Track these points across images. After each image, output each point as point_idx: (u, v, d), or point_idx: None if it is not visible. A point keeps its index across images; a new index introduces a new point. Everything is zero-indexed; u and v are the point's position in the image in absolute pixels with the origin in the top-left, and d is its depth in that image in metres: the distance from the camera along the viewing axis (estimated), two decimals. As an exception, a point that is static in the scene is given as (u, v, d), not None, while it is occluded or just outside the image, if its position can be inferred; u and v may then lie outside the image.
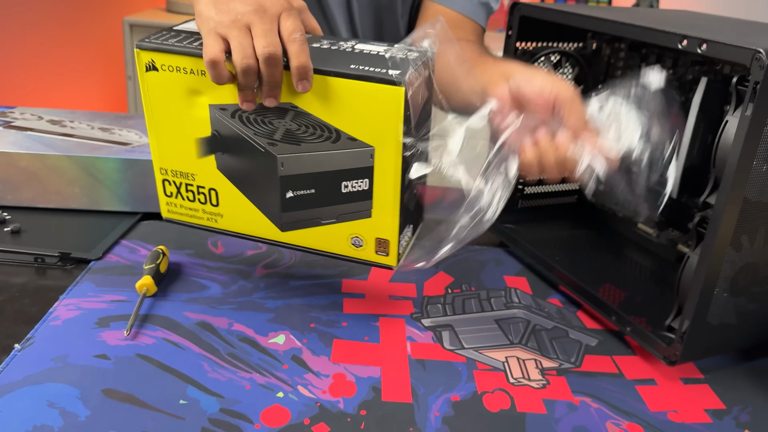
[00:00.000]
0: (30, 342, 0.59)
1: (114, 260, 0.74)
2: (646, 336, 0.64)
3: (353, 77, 0.55)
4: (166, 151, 0.64)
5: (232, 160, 0.62)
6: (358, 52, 0.58)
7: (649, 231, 0.84)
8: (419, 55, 0.58)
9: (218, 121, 0.60)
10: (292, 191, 0.61)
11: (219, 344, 0.61)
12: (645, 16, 0.74)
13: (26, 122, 0.91)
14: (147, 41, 0.59)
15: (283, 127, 0.58)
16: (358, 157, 0.58)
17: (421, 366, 0.61)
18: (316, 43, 0.60)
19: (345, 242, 0.62)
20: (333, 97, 0.56)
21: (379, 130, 0.56)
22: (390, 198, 0.59)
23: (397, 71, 0.54)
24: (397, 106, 0.54)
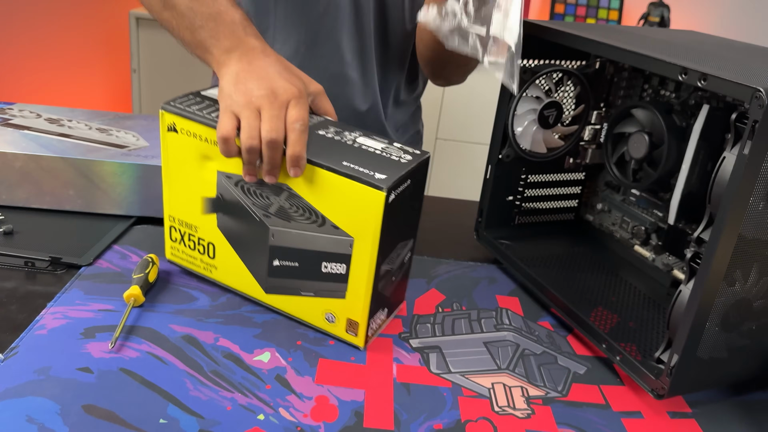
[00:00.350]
0: (14, 352, 0.59)
1: (104, 266, 0.74)
2: (634, 367, 0.63)
3: (343, 174, 0.59)
4: (175, 202, 0.70)
5: (231, 222, 0.67)
6: (357, 147, 0.63)
7: (646, 254, 0.84)
8: (413, 158, 0.62)
9: (223, 186, 0.66)
10: (279, 260, 0.65)
11: (203, 360, 0.61)
12: (648, 40, 0.73)
13: (24, 120, 0.91)
14: (171, 105, 0.66)
15: (278, 204, 0.63)
16: (338, 244, 0.61)
17: (405, 390, 0.60)
18: (322, 130, 0.65)
19: (320, 316, 0.66)
20: (323, 187, 0.60)
21: (360, 225, 0.60)
22: (363, 285, 0.62)
23: (383, 176, 0.58)
24: (377, 208, 0.58)
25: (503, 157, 0.83)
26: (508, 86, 0.67)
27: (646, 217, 0.83)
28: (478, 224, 0.88)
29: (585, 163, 0.89)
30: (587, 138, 0.87)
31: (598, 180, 0.92)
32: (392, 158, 0.62)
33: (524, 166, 0.87)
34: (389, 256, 0.63)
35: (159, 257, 0.75)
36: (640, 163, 0.77)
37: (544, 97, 0.81)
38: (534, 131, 0.82)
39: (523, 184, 0.88)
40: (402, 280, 0.70)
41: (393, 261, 0.64)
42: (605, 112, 0.87)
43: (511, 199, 0.88)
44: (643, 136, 0.75)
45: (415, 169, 0.62)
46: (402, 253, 0.67)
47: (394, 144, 0.65)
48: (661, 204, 0.81)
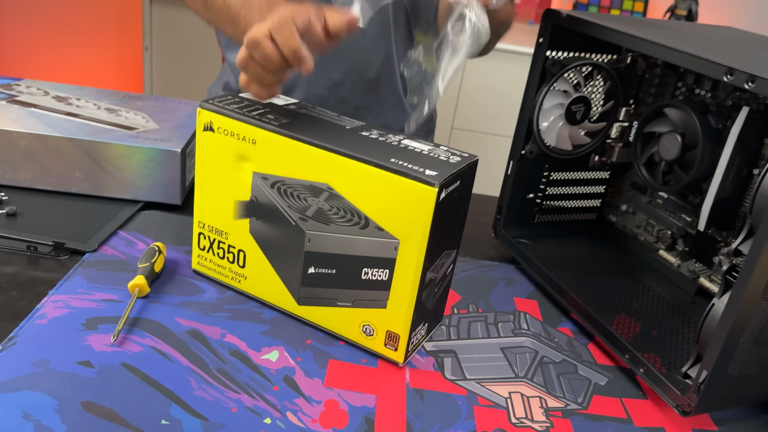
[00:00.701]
0: (12, 342, 0.56)
1: (109, 253, 0.71)
2: (659, 380, 0.60)
3: (391, 170, 0.55)
4: (207, 207, 0.66)
5: (264, 227, 0.63)
6: (403, 147, 0.60)
7: (670, 260, 0.80)
8: (462, 159, 0.59)
9: (258, 188, 0.62)
10: (314, 267, 0.61)
11: (209, 357, 0.58)
12: (686, 36, 0.69)
13: (31, 97, 0.88)
14: (210, 103, 0.63)
15: (316, 206, 0.60)
16: (382, 247, 0.58)
17: (419, 397, 0.58)
18: (365, 131, 0.62)
19: (356, 328, 0.62)
20: (368, 185, 0.57)
21: (408, 225, 0.56)
22: (407, 293, 0.58)
23: (434, 172, 0.55)
24: (427, 206, 0.54)
25: (526, 153, 0.80)
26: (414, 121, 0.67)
27: (673, 221, 0.80)
28: (496, 222, 0.85)
29: (611, 161, 0.85)
30: (614, 136, 0.84)
31: (624, 180, 0.88)
32: (441, 158, 0.58)
33: (547, 163, 0.83)
34: (434, 264, 0.59)
35: (166, 245, 0.72)
36: (671, 165, 0.74)
37: (572, 91, 0.78)
38: (560, 127, 0.79)
39: (545, 181, 0.85)
40: (443, 293, 0.66)
41: (437, 270, 0.61)
42: (634, 110, 0.83)
43: (531, 197, 0.85)
44: (676, 137, 0.72)
45: (464, 170, 0.58)
46: (446, 263, 0.63)
47: (440, 146, 0.62)
48: (689, 208, 0.77)
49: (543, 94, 0.76)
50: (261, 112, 0.62)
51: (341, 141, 0.59)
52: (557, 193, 0.87)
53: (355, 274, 0.60)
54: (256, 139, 0.60)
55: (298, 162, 0.59)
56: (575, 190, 0.88)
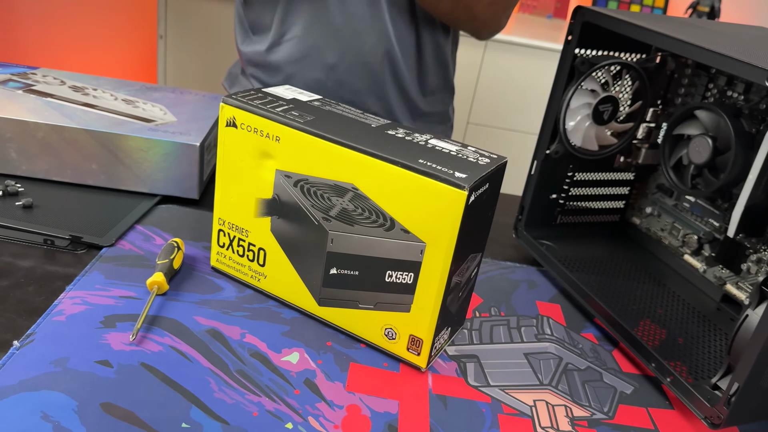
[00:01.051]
0: (30, 339, 0.55)
1: (127, 248, 0.70)
2: (687, 391, 0.59)
3: (419, 172, 0.54)
4: (227, 204, 0.65)
5: (286, 226, 0.62)
6: (430, 148, 0.58)
7: (696, 265, 0.79)
8: (491, 161, 0.57)
9: (281, 187, 0.61)
10: (336, 269, 0.60)
11: (229, 358, 0.57)
12: (721, 37, 0.67)
13: (48, 87, 0.87)
14: (233, 98, 0.61)
15: (340, 206, 0.58)
16: (408, 250, 0.56)
17: (442, 403, 0.56)
18: (392, 130, 0.61)
19: (378, 331, 0.61)
20: (395, 187, 0.55)
21: (435, 229, 0.55)
22: (432, 297, 0.57)
23: (463, 175, 0.53)
24: (456, 209, 0.53)
25: (551, 153, 0.78)
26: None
27: (700, 225, 0.78)
28: (517, 222, 0.84)
29: (636, 163, 0.84)
30: (641, 137, 0.82)
31: (649, 182, 0.86)
32: (469, 159, 0.57)
33: (572, 163, 0.82)
34: (460, 268, 0.58)
35: (184, 242, 0.71)
36: (700, 168, 0.72)
37: (600, 90, 0.76)
38: (587, 127, 0.77)
39: (569, 181, 0.83)
40: (467, 297, 0.64)
41: (462, 274, 0.59)
42: (662, 110, 0.82)
43: (554, 197, 0.84)
44: (707, 140, 0.70)
45: (493, 172, 0.57)
46: (471, 267, 0.61)
47: (468, 147, 0.60)
48: (718, 213, 0.76)
49: (571, 94, 0.74)
50: (285, 108, 0.61)
51: (367, 140, 0.57)
52: (581, 194, 0.85)
53: (378, 277, 0.59)
54: (280, 137, 0.59)
55: (323, 161, 0.58)
56: (599, 191, 0.86)
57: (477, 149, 0.60)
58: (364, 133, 0.59)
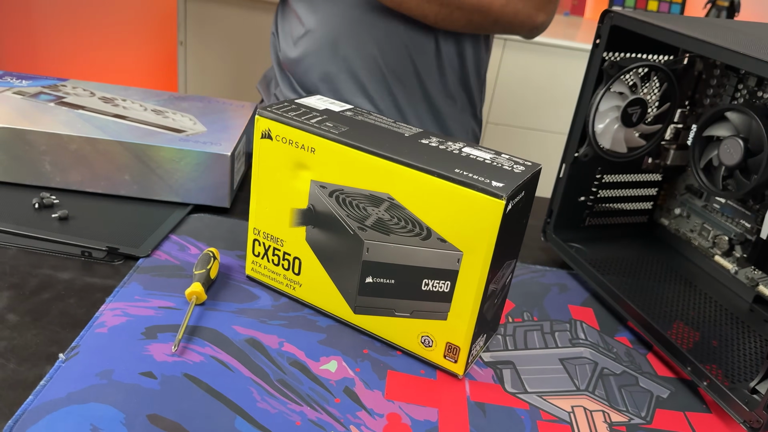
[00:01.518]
0: (75, 352, 0.56)
1: (163, 258, 0.71)
2: (724, 394, 0.59)
3: (456, 182, 0.54)
4: (262, 214, 0.66)
5: (321, 236, 0.63)
6: (465, 156, 0.58)
7: (727, 266, 0.78)
8: (526, 169, 0.58)
9: (316, 197, 0.62)
10: (372, 277, 0.61)
11: (269, 367, 0.58)
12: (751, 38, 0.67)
13: (78, 98, 0.88)
14: (268, 110, 0.62)
15: (376, 215, 0.59)
16: (444, 259, 0.57)
17: (480, 411, 0.57)
18: (425, 139, 0.61)
19: (415, 339, 0.61)
20: (431, 196, 0.56)
21: (473, 238, 0.55)
22: (469, 305, 0.57)
23: (500, 184, 0.54)
24: (494, 219, 0.53)
25: (580, 156, 0.78)
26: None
27: (731, 226, 0.78)
28: (546, 224, 0.84)
29: (665, 164, 0.84)
30: (669, 137, 0.82)
31: (678, 183, 0.86)
32: (504, 168, 0.57)
33: (600, 166, 0.82)
34: (497, 275, 0.58)
35: (219, 251, 0.72)
36: (732, 170, 0.72)
37: (628, 93, 0.76)
38: (615, 129, 0.77)
39: (598, 184, 0.83)
40: (501, 303, 0.65)
41: (498, 281, 0.60)
42: (690, 111, 0.81)
43: (583, 200, 0.84)
44: (738, 142, 0.70)
45: (529, 180, 0.57)
46: (506, 274, 0.62)
47: (502, 155, 0.60)
48: (749, 214, 0.75)
49: (600, 97, 0.74)
50: (319, 119, 0.62)
51: (402, 150, 0.58)
52: (609, 196, 0.85)
53: (414, 285, 0.59)
54: (315, 148, 0.60)
55: (358, 171, 0.59)
56: (627, 193, 0.86)
57: (511, 156, 0.60)
58: (398, 143, 0.59)
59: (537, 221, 0.85)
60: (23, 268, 0.67)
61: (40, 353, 0.56)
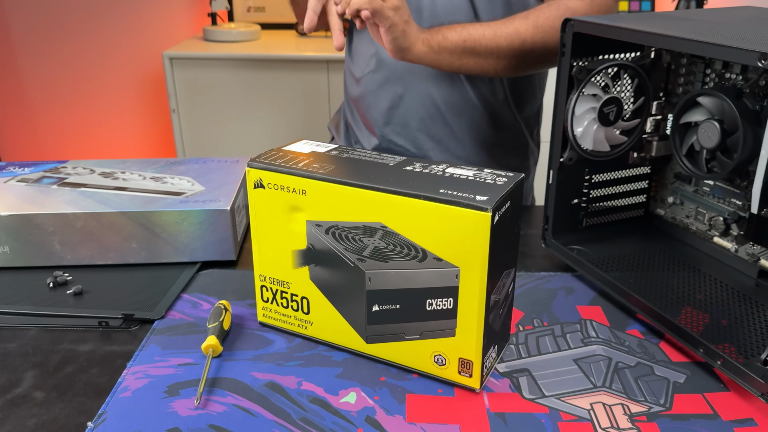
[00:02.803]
0: (102, 419, 0.58)
1: (177, 318, 0.73)
2: (739, 370, 0.60)
3: (442, 201, 0.56)
4: (266, 260, 0.68)
5: (324, 272, 0.65)
6: (448, 176, 0.61)
7: (726, 245, 0.79)
8: (508, 180, 0.60)
9: (313, 236, 0.64)
10: (378, 305, 0.62)
11: (290, 408, 0.59)
12: (710, 25, 0.69)
13: (79, 177, 0.92)
14: (257, 161, 0.65)
15: (372, 245, 0.61)
16: (443, 277, 0.58)
17: (502, 421, 0.58)
18: (408, 166, 0.64)
19: (428, 360, 0.62)
20: (421, 219, 0.58)
21: (466, 252, 0.57)
22: (474, 318, 0.59)
23: (484, 197, 0.56)
24: (483, 231, 0.55)
25: (565, 161, 0.80)
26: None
27: (724, 206, 0.79)
28: (544, 231, 0.85)
29: (650, 156, 0.85)
30: (650, 130, 0.84)
31: (666, 172, 0.88)
32: (487, 182, 0.59)
33: (587, 167, 0.84)
34: (496, 285, 0.60)
35: (230, 302, 0.74)
36: (713, 152, 0.73)
37: (602, 93, 0.78)
38: (595, 130, 0.79)
39: (588, 185, 0.85)
40: (508, 313, 0.66)
41: (500, 291, 0.61)
42: (665, 102, 0.83)
43: (576, 202, 0.85)
44: (714, 125, 0.71)
45: (512, 190, 0.59)
46: (506, 283, 0.64)
47: (484, 170, 0.63)
48: (738, 192, 0.77)
49: (573, 102, 0.77)
50: (306, 162, 0.64)
51: (388, 179, 0.60)
52: (601, 195, 0.87)
53: (419, 307, 0.61)
54: (306, 190, 0.62)
55: (350, 205, 0.61)
56: (619, 189, 0.88)
57: (493, 171, 0.63)
58: (384, 173, 0.62)
59: (536, 229, 0.87)
60: (45, 346, 0.69)
61: (69, 425, 0.58)
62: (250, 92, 2.20)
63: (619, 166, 0.86)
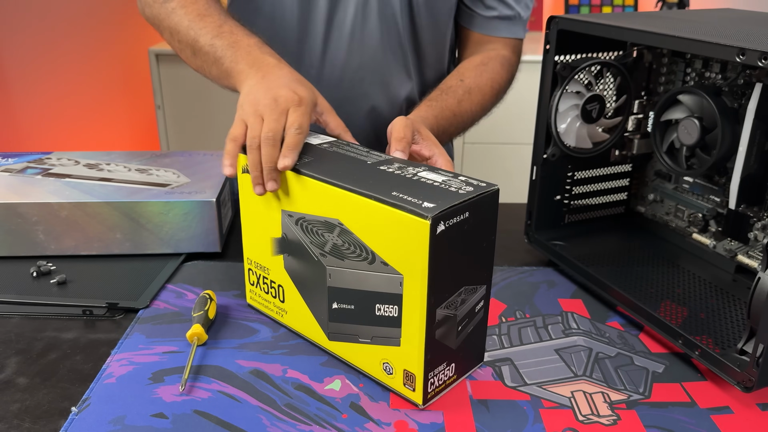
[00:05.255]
0: (87, 404, 0.58)
1: (162, 307, 0.73)
2: (716, 360, 0.61)
3: (389, 204, 0.54)
4: (251, 244, 0.70)
5: (295, 263, 0.65)
6: (416, 180, 0.58)
7: (705, 241, 0.81)
8: (475, 189, 0.56)
9: (286, 225, 0.64)
10: (337, 303, 0.62)
11: (275, 394, 0.60)
12: (690, 24, 0.71)
13: (64, 168, 0.91)
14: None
15: (332, 241, 0.60)
16: (389, 283, 0.57)
17: (484, 407, 0.59)
18: (385, 165, 0.62)
19: (378, 366, 0.61)
20: (372, 220, 0.56)
21: (408, 260, 0.54)
22: (416, 330, 0.56)
23: (431, 204, 0.53)
24: (423, 239, 0.52)
25: (549, 157, 0.82)
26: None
27: (703, 203, 0.81)
28: (527, 227, 0.87)
29: (632, 154, 0.87)
30: (631, 128, 0.85)
31: (647, 170, 0.89)
32: (450, 189, 0.56)
33: (570, 164, 0.85)
34: (448, 300, 0.56)
35: (215, 292, 0.74)
36: (693, 149, 0.75)
37: (584, 91, 0.80)
38: (578, 127, 0.81)
39: (570, 181, 0.86)
40: (475, 332, 0.61)
41: (455, 307, 0.57)
42: (647, 100, 0.85)
43: (559, 199, 0.87)
44: (694, 122, 0.73)
45: (476, 201, 0.55)
46: (470, 300, 0.59)
47: (459, 177, 0.59)
48: (717, 189, 0.79)
49: (557, 98, 0.78)
50: None
51: (354, 176, 0.59)
52: (584, 192, 0.88)
53: (370, 310, 0.59)
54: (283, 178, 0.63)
55: (313, 198, 0.61)
56: (601, 186, 0.90)
57: (468, 178, 0.59)
58: (354, 170, 0.60)
59: (519, 225, 0.88)
60: (28, 333, 0.69)
61: (53, 410, 0.58)
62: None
63: (601, 164, 0.88)
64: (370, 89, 0.98)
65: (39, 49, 1.91)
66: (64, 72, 2.02)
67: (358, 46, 0.94)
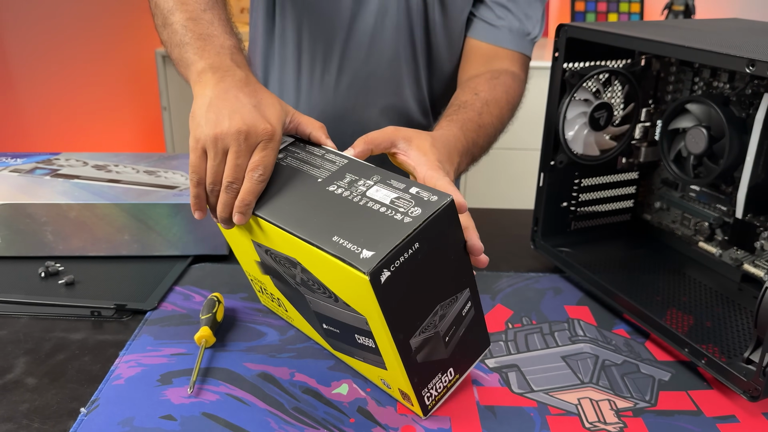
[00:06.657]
0: (95, 405, 0.58)
1: (170, 309, 0.74)
2: (722, 369, 0.61)
3: (331, 254, 0.50)
4: (245, 262, 0.70)
5: (280, 284, 0.65)
6: (361, 206, 0.53)
7: (711, 250, 0.81)
8: (423, 211, 0.51)
9: (260, 253, 0.63)
10: (326, 324, 0.62)
11: (283, 398, 0.60)
12: (699, 33, 0.71)
13: (72, 169, 0.92)
14: None
15: (299, 275, 0.58)
16: (356, 320, 0.55)
17: (491, 413, 0.59)
18: (336, 181, 0.57)
19: (377, 379, 0.61)
20: (321, 266, 0.53)
21: (363, 306, 0.52)
22: (394, 361, 0.54)
23: (370, 253, 0.48)
24: (368, 293, 0.49)
25: (556, 164, 0.82)
26: None
27: (709, 212, 0.81)
28: (534, 233, 0.87)
29: (638, 162, 0.87)
30: (638, 136, 0.86)
31: (653, 178, 0.90)
32: (395, 218, 0.50)
33: (577, 171, 0.85)
34: (422, 326, 0.54)
35: (222, 295, 0.75)
36: (700, 158, 0.75)
37: (593, 99, 0.80)
38: (585, 134, 0.81)
39: (577, 188, 0.87)
40: (469, 331, 0.59)
41: (433, 326, 0.55)
42: (654, 109, 0.85)
43: (565, 205, 0.87)
44: (701, 131, 0.73)
45: (426, 226, 0.50)
46: (451, 311, 0.56)
47: (411, 189, 0.53)
48: (724, 198, 0.79)
49: (565, 106, 0.78)
50: None
51: (300, 212, 0.55)
52: (590, 199, 0.89)
53: (353, 338, 0.59)
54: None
55: (271, 237, 0.58)
56: (607, 194, 0.90)
57: (419, 191, 0.53)
58: (303, 199, 0.57)
59: (525, 230, 0.88)
60: (36, 333, 0.69)
61: (62, 410, 0.58)
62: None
63: (608, 171, 0.88)
64: (380, 98, 0.98)
65: (46, 51, 1.92)
66: (71, 73, 2.02)
67: (376, 54, 0.95)
